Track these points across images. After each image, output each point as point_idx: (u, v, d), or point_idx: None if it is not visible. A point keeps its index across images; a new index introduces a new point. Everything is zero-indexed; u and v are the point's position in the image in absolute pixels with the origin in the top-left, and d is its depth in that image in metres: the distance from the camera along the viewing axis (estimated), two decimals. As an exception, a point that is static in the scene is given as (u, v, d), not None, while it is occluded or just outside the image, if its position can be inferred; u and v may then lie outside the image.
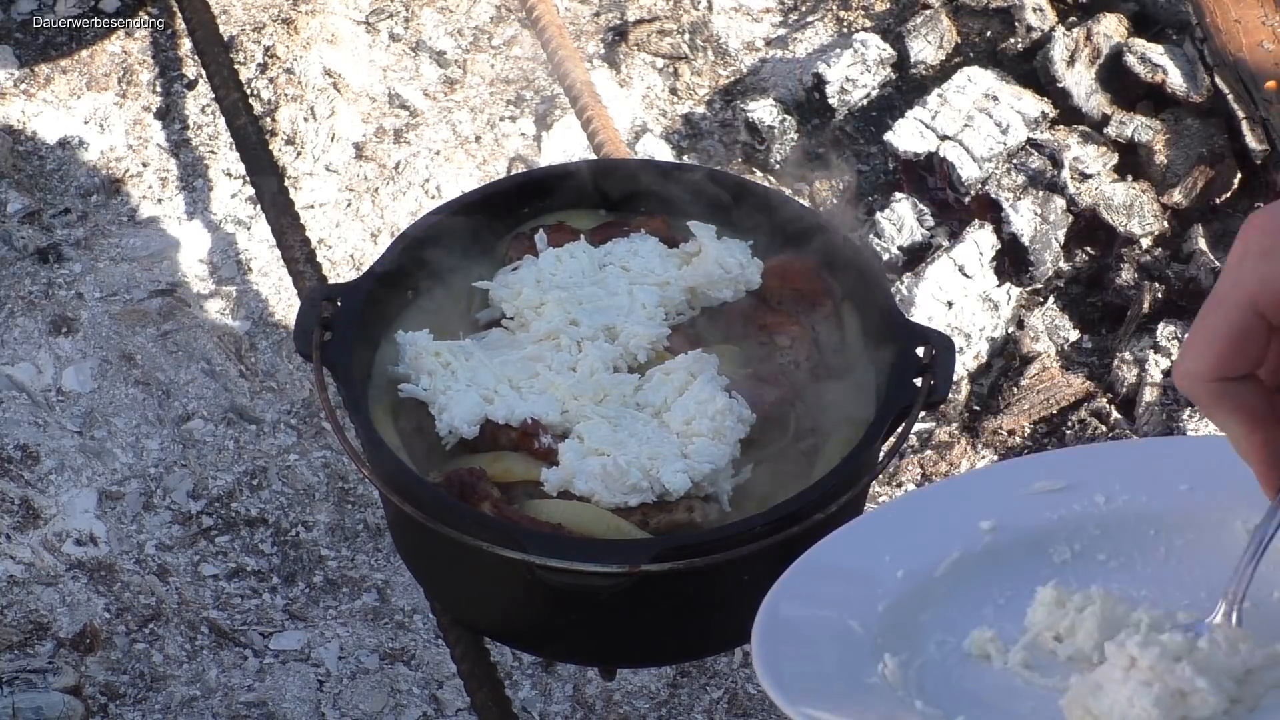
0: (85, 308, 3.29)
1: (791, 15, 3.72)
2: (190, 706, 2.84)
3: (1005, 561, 1.84)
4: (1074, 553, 1.85)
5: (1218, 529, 1.84)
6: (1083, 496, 1.87)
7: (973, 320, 3.18)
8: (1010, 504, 1.86)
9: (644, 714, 2.87)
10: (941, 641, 1.78)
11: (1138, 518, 1.86)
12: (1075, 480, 1.88)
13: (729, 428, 2.18)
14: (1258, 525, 1.75)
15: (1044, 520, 1.86)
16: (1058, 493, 1.88)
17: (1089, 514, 1.86)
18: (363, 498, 3.08)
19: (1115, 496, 1.87)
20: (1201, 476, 1.87)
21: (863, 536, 1.85)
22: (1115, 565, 1.84)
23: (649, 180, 2.46)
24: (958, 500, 1.87)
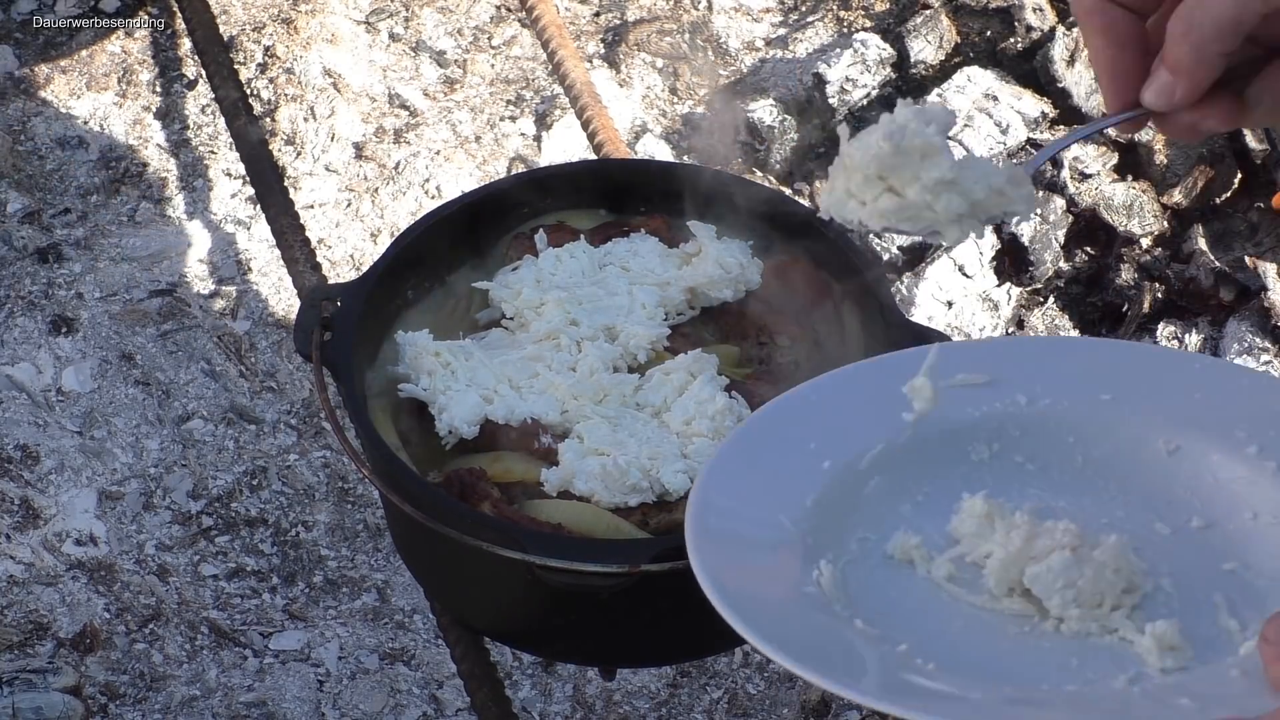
0: (85, 308, 3.29)
1: (791, 15, 3.72)
2: (190, 706, 2.84)
3: (926, 456, 1.84)
4: (992, 452, 1.86)
5: (1136, 445, 1.84)
6: (1004, 394, 1.88)
7: (973, 320, 3.18)
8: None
9: (644, 714, 2.87)
10: (863, 539, 1.79)
11: (1058, 423, 1.86)
12: (998, 376, 1.88)
13: (729, 428, 2.18)
14: (1084, 126, 1.78)
15: (965, 416, 1.86)
16: (980, 387, 1.88)
17: (1010, 414, 1.87)
18: (363, 498, 3.08)
19: (1037, 398, 1.87)
20: (1125, 388, 1.87)
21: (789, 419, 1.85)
22: (1032, 469, 1.85)
23: (649, 180, 2.46)
24: (882, 385, 1.87)
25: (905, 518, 1.81)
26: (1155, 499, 1.82)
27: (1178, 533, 1.80)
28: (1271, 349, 3.05)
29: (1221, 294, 3.13)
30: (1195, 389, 1.86)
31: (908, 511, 1.82)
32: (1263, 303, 3.09)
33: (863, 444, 1.84)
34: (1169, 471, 1.83)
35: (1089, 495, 1.83)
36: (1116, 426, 1.86)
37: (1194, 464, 1.82)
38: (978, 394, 1.88)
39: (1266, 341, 3.06)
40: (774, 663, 2.91)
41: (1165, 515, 1.80)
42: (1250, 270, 3.13)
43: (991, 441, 1.86)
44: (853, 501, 1.81)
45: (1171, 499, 1.81)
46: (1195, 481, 1.82)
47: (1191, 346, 3.09)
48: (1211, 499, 1.80)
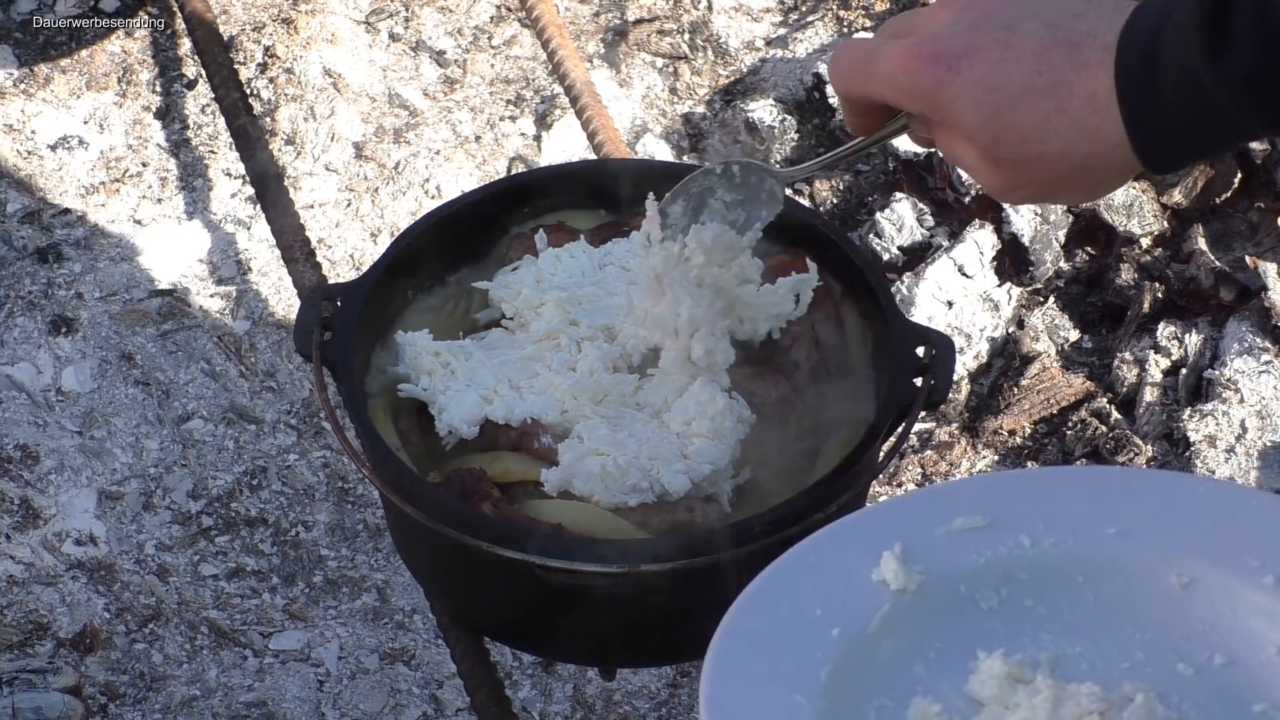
0: (85, 308, 3.29)
1: (791, 15, 3.72)
2: (190, 706, 2.84)
3: (933, 609, 1.80)
4: (1001, 598, 1.82)
5: (1148, 580, 1.80)
6: (1007, 537, 1.83)
7: (973, 320, 3.18)
8: (932, 544, 1.82)
9: (644, 714, 2.87)
10: (881, 707, 1.75)
11: (1065, 563, 1.82)
12: (997, 517, 1.83)
13: (729, 428, 2.17)
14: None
15: (969, 564, 1.82)
16: (980, 531, 1.83)
17: (1014, 557, 1.82)
18: (363, 498, 3.08)
19: (1040, 538, 1.83)
20: (1131, 520, 1.83)
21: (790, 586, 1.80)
22: (1043, 612, 1.81)
23: (649, 180, 2.46)
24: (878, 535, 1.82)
25: (920, 679, 1.77)
26: (1173, 636, 1.77)
27: (1201, 673, 1.75)
28: (1272, 349, 3.05)
29: (1221, 294, 3.13)
30: (1202, 515, 1.82)
31: (921, 672, 1.78)
32: (1263, 303, 3.09)
33: (871, 604, 1.79)
34: (1184, 606, 1.78)
35: (1105, 637, 1.79)
36: (1125, 562, 1.81)
37: (1209, 597, 1.78)
38: (979, 538, 1.83)
39: (1266, 341, 3.06)
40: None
41: (1186, 654, 1.76)
42: (1250, 270, 3.13)
43: (999, 587, 1.82)
44: (866, 668, 1.77)
45: (1189, 635, 1.77)
46: (1212, 615, 1.77)
47: (1191, 347, 3.09)
48: (1231, 633, 1.76)
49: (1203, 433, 2.97)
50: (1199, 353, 3.09)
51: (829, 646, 1.76)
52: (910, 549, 1.81)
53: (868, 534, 1.84)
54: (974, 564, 1.82)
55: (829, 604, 1.79)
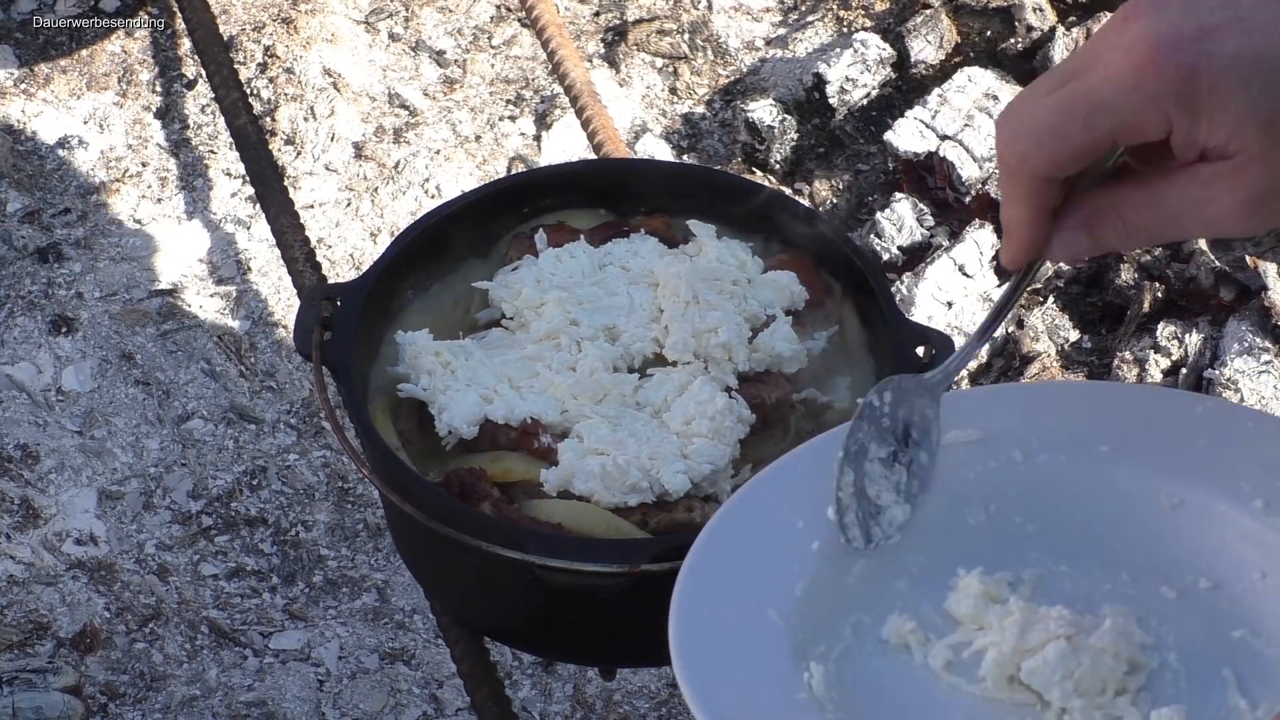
0: (85, 307, 3.29)
1: (791, 15, 3.72)
2: (190, 706, 2.84)
3: (920, 524, 1.76)
4: (989, 514, 1.78)
5: (1138, 501, 1.77)
6: (999, 452, 1.79)
7: (973, 320, 3.18)
8: None
9: (644, 714, 2.87)
10: (858, 622, 1.72)
11: (1056, 480, 1.78)
12: (991, 430, 1.79)
13: (729, 428, 2.17)
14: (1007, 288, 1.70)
15: (959, 479, 1.78)
16: (972, 445, 1.79)
17: (1006, 473, 1.78)
18: (363, 498, 3.08)
19: (1033, 454, 1.79)
20: (1124, 438, 1.79)
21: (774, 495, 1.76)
22: (1032, 530, 1.77)
23: (649, 180, 2.46)
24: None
25: (901, 595, 1.74)
26: (1160, 558, 1.75)
27: (1184, 596, 1.73)
28: (1272, 349, 3.05)
29: (1221, 294, 3.13)
30: (1198, 435, 1.78)
31: (903, 588, 1.75)
32: (1263, 303, 3.09)
33: None
34: (1173, 528, 1.76)
35: (1091, 557, 1.76)
36: (1117, 481, 1.78)
37: (1198, 519, 1.75)
38: (971, 452, 1.79)
39: (1266, 341, 3.06)
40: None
41: (1171, 576, 1.74)
42: (1250, 270, 3.13)
43: (988, 503, 1.78)
44: (845, 583, 1.73)
45: (1177, 557, 1.74)
46: (1200, 538, 1.75)
47: (1191, 347, 3.09)
48: (1218, 557, 1.73)
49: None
50: (1199, 353, 3.09)
51: (807, 560, 1.73)
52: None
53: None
54: (963, 479, 1.78)
55: (812, 516, 1.75)
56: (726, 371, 2.23)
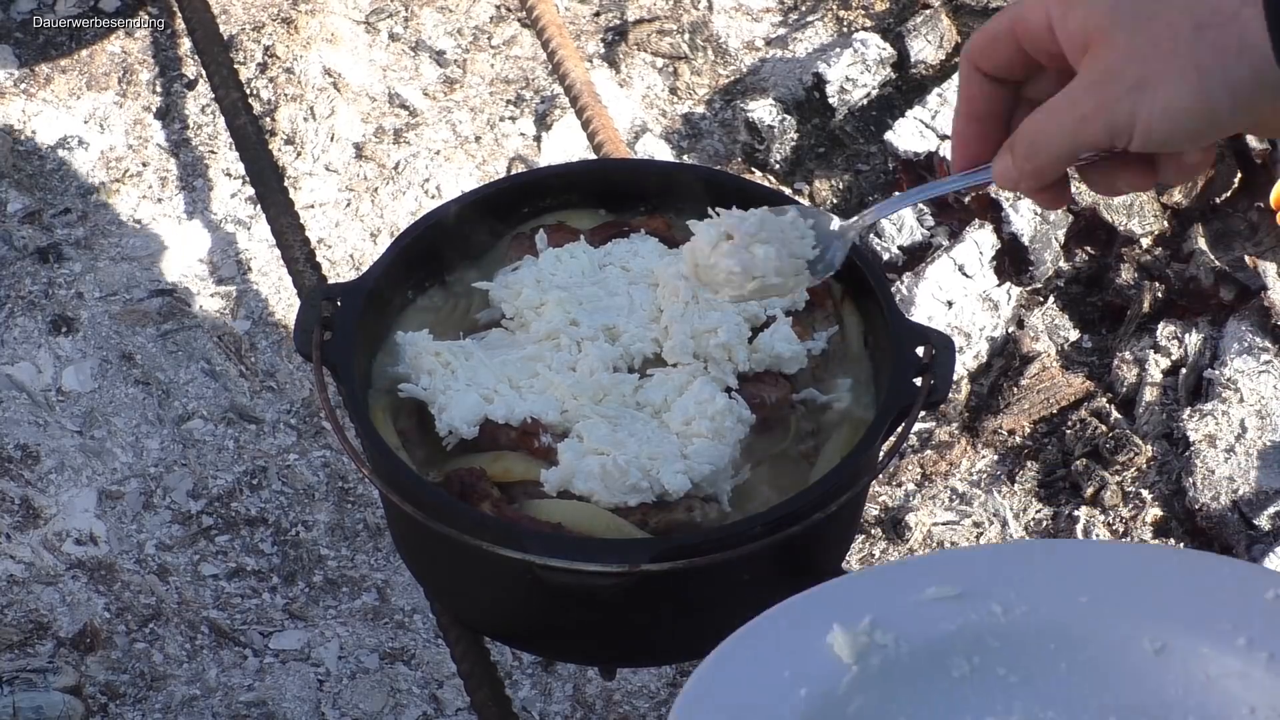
0: (85, 307, 3.29)
1: (791, 15, 3.72)
2: (190, 706, 2.84)
3: (904, 676, 1.79)
4: (973, 666, 1.81)
5: (1121, 647, 1.80)
6: (979, 605, 1.82)
7: (973, 320, 3.18)
8: (904, 612, 1.82)
9: (644, 714, 2.87)
10: None
11: (1037, 631, 1.81)
12: (970, 587, 1.83)
13: (729, 428, 2.17)
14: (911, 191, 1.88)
15: (940, 631, 1.81)
16: (952, 600, 1.83)
17: (987, 625, 1.81)
18: (363, 498, 3.08)
19: (1013, 607, 1.82)
20: (1102, 589, 1.82)
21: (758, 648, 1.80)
22: (1016, 680, 1.80)
23: (649, 180, 2.46)
24: (850, 606, 1.82)
25: None
26: (1148, 702, 1.77)
27: None
28: (1271, 349, 3.05)
29: (1221, 294, 3.13)
30: (1174, 582, 1.82)
31: None
32: (1263, 302, 3.09)
33: (839, 668, 1.79)
34: (1158, 672, 1.78)
35: (1078, 704, 1.78)
36: (1098, 629, 1.80)
37: (1183, 661, 1.77)
38: (951, 607, 1.82)
39: (1266, 341, 3.06)
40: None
41: (1159, 718, 1.76)
42: (1250, 270, 3.13)
43: (971, 655, 1.81)
44: None
45: (1164, 700, 1.77)
46: (1187, 680, 1.77)
47: (1191, 347, 3.09)
48: (1206, 698, 1.75)
49: (1202, 432, 2.97)
50: (1199, 352, 3.09)
51: (797, 705, 1.75)
52: (881, 617, 1.81)
53: (839, 602, 1.83)
54: (946, 632, 1.81)
55: (797, 667, 1.78)
56: (726, 371, 2.23)
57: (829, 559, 2.30)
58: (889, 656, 1.79)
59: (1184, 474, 2.95)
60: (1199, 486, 2.93)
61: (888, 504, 3.05)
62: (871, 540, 3.02)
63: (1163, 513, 2.96)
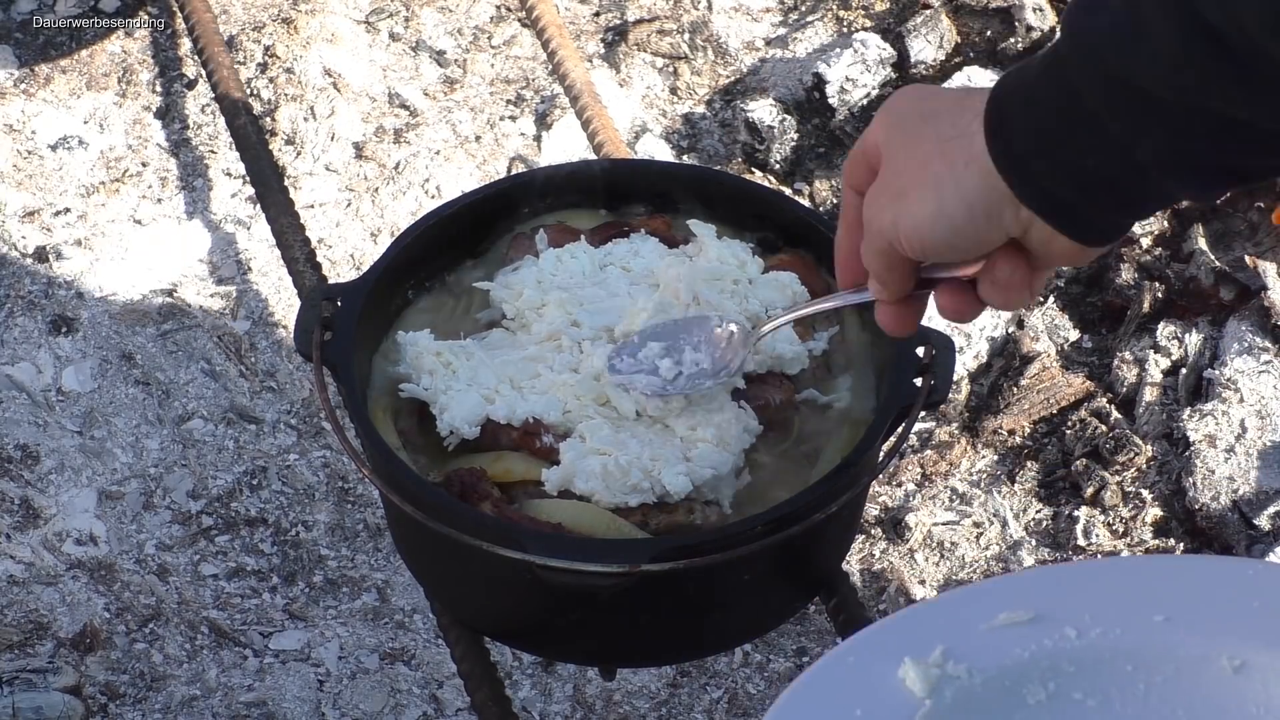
0: (85, 308, 3.29)
1: (791, 15, 3.72)
2: (190, 706, 2.84)
3: (979, 706, 1.78)
4: (1049, 693, 1.79)
5: (1199, 665, 1.78)
6: (1052, 630, 1.81)
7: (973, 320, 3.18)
8: (976, 640, 1.80)
9: (644, 714, 2.87)
10: None
11: (1113, 653, 1.79)
12: (1042, 610, 1.81)
13: (735, 437, 2.17)
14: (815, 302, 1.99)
15: (1014, 658, 1.80)
16: (1024, 625, 1.81)
17: (1061, 650, 1.80)
18: (363, 498, 3.08)
19: (1087, 630, 1.81)
20: (1178, 606, 1.80)
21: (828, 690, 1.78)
22: (1093, 705, 1.79)
23: (649, 180, 2.46)
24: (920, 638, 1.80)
25: None
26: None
27: None
28: (1271, 349, 3.05)
29: (1221, 294, 3.13)
30: (1252, 597, 1.80)
31: None
32: (1263, 302, 3.09)
33: (912, 702, 1.77)
34: (1238, 690, 1.76)
35: None
36: (1175, 648, 1.78)
37: (1263, 679, 1.76)
38: (1024, 632, 1.81)
39: (1266, 341, 3.06)
40: (773, 662, 2.91)
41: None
42: (1250, 270, 3.13)
43: (1046, 681, 1.79)
44: None
45: (1244, 718, 1.75)
46: (1268, 698, 1.75)
47: (1191, 347, 3.09)
48: None
49: (1202, 432, 2.97)
50: (1199, 352, 3.09)
51: None
52: (953, 648, 1.80)
53: (908, 633, 1.82)
54: (1019, 659, 1.80)
55: (869, 705, 1.76)
56: None
57: (829, 559, 2.30)
58: (962, 687, 1.78)
59: (1184, 474, 2.95)
60: (1199, 486, 2.93)
61: (888, 504, 3.05)
62: (871, 540, 3.02)
63: (1163, 513, 2.96)
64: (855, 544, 2.99)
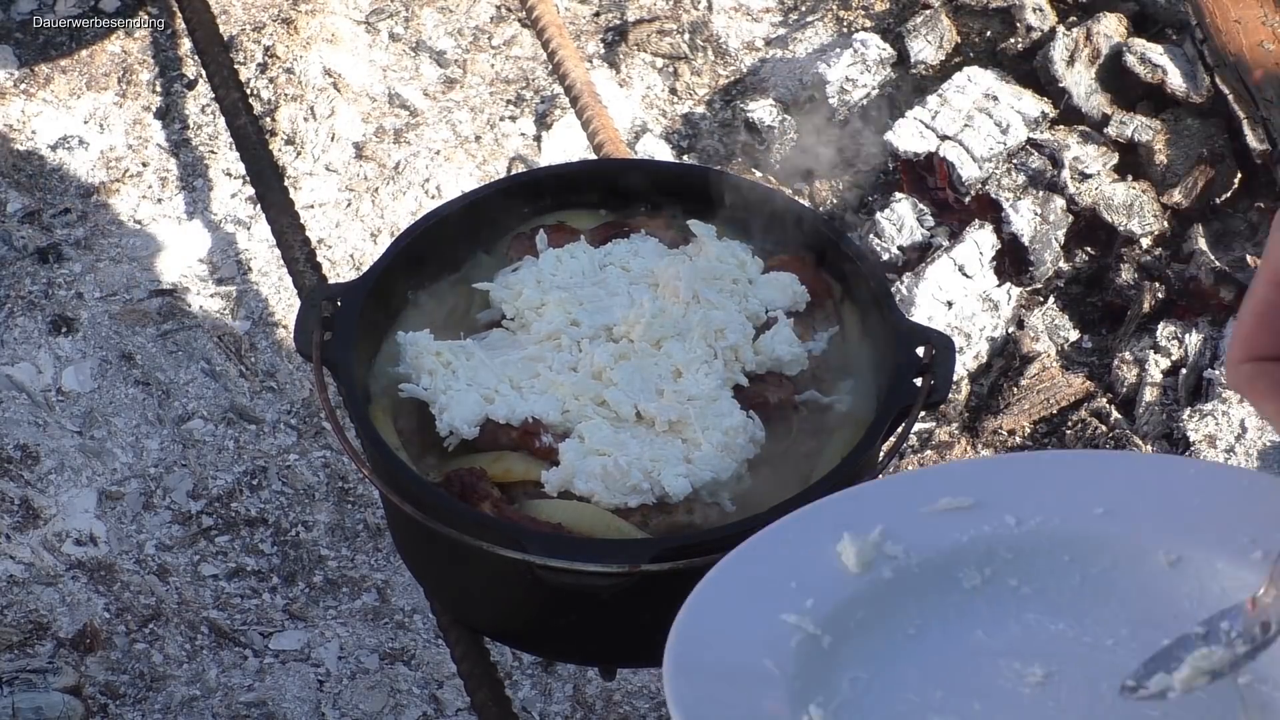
0: (85, 308, 3.29)
1: (791, 15, 3.72)
2: (190, 706, 2.84)
3: (914, 587, 1.77)
4: (984, 578, 1.78)
5: (1136, 560, 1.77)
6: (992, 516, 1.79)
7: (973, 320, 3.18)
8: (915, 522, 1.79)
9: (644, 714, 2.87)
10: (854, 678, 1.72)
11: (1051, 542, 1.78)
12: (983, 498, 1.80)
13: (740, 445, 2.17)
14: None
15: (952, 542, 1.78)
16: (965, 511, 1.80)
17: (999, 536, 1.79)
18: (363, 498, 3.08)
19: (1026, 518, 1.79)
20: (1119, 500, 1.79)
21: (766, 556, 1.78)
22: (1028, 592, 1.78)
23: (649, 180, 2.46)
24: (861, 516, 1.79)
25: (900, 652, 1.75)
26: (1160, 614, 1.74)
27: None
28: (1271, 349, 3.05)
29: (1221, 294, 3.13)
30: (1192, 495, 1.79)
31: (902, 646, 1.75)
32: (1263, 303, 3.09)
33: (847, 577, 1.76)
34: (1172, 584, 1.75)
35: (1090, 616, 1.76)
36: (1113, 540, 1.78)
37: (1198, 574, 1.75)
38: (964, 518, 1.80)
39: (1266, 341, 3.05)
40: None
41: (1172, 631, 1.71)
42: (1250, 270, 3.13)
43: (983, 566, 1.78)
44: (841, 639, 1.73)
45: (1177, 612, 1.74)
46: (1201, 592, 1.74)
47: (1191, 347, 3.09)
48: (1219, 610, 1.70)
49: (1202, 432, 2.97)
50: (1199, 353, 3.09)
51: (804, 614, 1.73)
52: (892, 528, 1.79)
53: (849, 512, 1.81)
54: (957, 542, 1.79)
55: (804, 578, 1.76)
56: (735, 371, 2.23)
57: (829, 559, 2.30)
58: (899, 567, 1.77)
59: (1184, 474, 2.95)
60: (1199, 486, 2.93)
61: (888, 504, 3.05)
62: (871, 540, 3.02)
63: (1163, 513, 2.97)
64: (855, 544, 2.99)
